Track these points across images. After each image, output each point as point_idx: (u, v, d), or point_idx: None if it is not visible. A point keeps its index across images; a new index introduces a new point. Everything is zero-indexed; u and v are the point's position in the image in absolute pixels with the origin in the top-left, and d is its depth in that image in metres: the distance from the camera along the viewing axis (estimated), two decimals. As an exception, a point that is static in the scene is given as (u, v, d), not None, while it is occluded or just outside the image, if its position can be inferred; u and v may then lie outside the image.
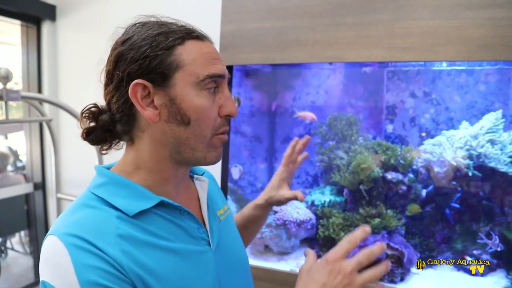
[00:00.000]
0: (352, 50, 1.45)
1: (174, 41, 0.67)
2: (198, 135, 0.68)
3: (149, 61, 0.65)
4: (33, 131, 2.55)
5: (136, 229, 0.64)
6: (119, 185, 0.68)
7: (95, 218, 0.63)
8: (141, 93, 0.66)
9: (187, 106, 0.66)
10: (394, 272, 1.48)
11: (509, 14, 1.26)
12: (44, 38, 2.44)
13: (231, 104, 0.71)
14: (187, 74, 0.66)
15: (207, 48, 0.70)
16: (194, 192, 0.81)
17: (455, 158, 1.57)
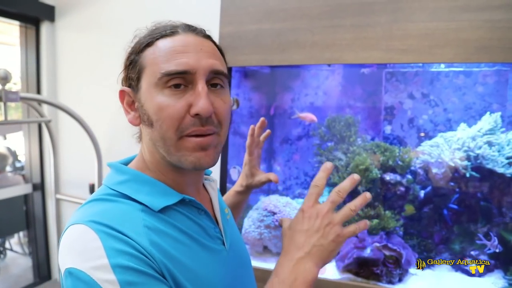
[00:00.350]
0: (350, 52, 1.46)
1: (143, 44, 0.67)
2: (163, 136, 0.64)
3: (128, 68, 0.68)
4: (32, 132, 2.55)
5: (161, 222, 0.64)
6: (142, 182, 0.68)
7: (120, 210, 0.62)
8: (127, 99, 0.69)
9: (148, 106, 0.64)
10: (392, 273, 1.48)
11: (506, 16, 1.27)
12: (43, 38, 2.44)
13: (201, 102, 0.62)
14: (149, 75, 0.65)
15: (174, 42, 0.65)
16: (206, 192, 0.81)
17: (453, 159, 1.57)
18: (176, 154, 0.64)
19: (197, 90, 0.63)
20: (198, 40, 0.66)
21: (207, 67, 0.64)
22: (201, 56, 0.64)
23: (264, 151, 2.12)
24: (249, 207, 1.85)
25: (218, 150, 0.68)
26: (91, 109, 2.30)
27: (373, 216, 1.63)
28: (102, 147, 2.19)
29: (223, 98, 0.68)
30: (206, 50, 0.66)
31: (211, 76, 0.65)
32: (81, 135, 2.13)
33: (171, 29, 0.67)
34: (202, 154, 0.64)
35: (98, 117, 2.29)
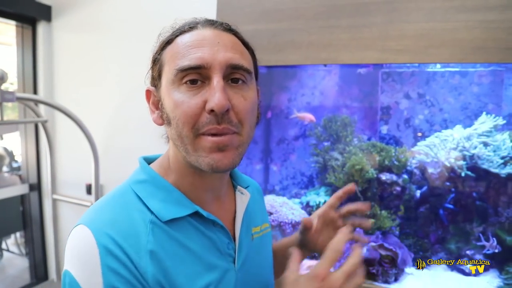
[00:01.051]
0: (346, 52, 1.46)
1: (163, 42, 0.66)
2: (180, 134, 0.61)
3: (152, 67, 0.68)
4: (29, 132, 2.54)
5: (166, 237, 0.62)
6: (158, 186, 0.66)
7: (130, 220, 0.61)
8: (152, 98, 0.68)
9: (166, 104, 0.63)
10: (388, 273, 1.49)
11: (500, 17, 1.27)
12: (39, 38, 2.43)
13: (216, 97, 0.58)
14: (166, 73, 0.63)
15: (192, 37, 0.62)
16: (232, 204, 0.75)
17: (448, 159, 1.58)
18: (194, 154, 0.61)
19: (212, 85, 0.59)
20: (216, 33, 0.63)
21: (224, 61, 0.60)
22: (218, 50, 0.60)
23: (261, 151, 2.13)
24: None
25: (240, 152, 0.63)
26: (88, 109, 2.29)
27: (369, 216, 1.64)
28: (99, 148, 2.19)
29: (244, 94, 0.62)
30: (224, 44, 0.61)
31: (229, 71, 0.61)
32: (78, 135, 2.13)
33: (190, 25, 0.65)
34: (220, 155, 0.60)
35: (95, 117, 2.29)
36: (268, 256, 0.81)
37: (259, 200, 0.86)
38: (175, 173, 0.68)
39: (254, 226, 0.77)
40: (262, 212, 0.85)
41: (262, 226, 0.80)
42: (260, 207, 0.85)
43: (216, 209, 0.71)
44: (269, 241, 0.82)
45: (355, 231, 1.58)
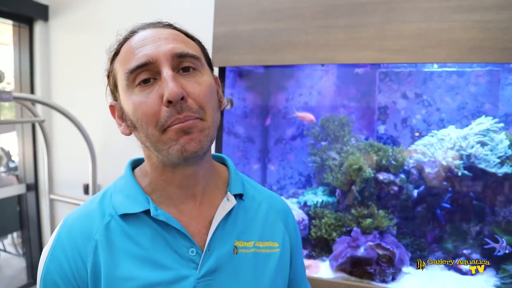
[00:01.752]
0: (343, 52, 1.47)
1: (113, 54, 0.68)
2: (148, 135, 0.62)
3: (108, 81, 0.70)
4: (26, 132, 2.54)
5: (120, 232, 0.65)
6: (128, 183, 0.70)
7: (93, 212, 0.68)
8: (117, 112, 0.69)
9: (127, 111, 0.64)
10: (386, 272, 1.49)
11: (497, 17, 1.28)
12: (36, 38, 2.43)
13: (169, 86, 0.58)
14: (120, 80, 0.65)
15: (134, 42, 0.64)
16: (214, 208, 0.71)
17: (445, 158, 1.58)
18: (164, 147, 0.61)
19: (163, 78, 0.60)
20: (156, 31, 0.65)
21: (168, 51, 0.61)
22: (160, 44, 0.62)
23: (259, 151, 2.13)
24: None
25: (207, 134, 0.62)
26: (85, 109, 2.29)
27: (366, 216, 1.64)
28: (96, 147, 2.19)
29: (198, 80, 0.63)
30: (165, 37, 0.63)
31: (177, 61, 0.62)
32: (75, 135, 2.13)
33: (131, 31, 0.67)
34: (187, 138, 0.60)
35: (92, 117, 2.28)
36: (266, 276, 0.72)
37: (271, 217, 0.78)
38: (149, 175, 0.70)
39: (244, 240, 0.71)
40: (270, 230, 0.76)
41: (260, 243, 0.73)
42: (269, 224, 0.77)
43: (191, 209, 0.69)
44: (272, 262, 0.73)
45: (353, 230, 1.59)
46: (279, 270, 0.74)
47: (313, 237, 1.70)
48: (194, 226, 0.68)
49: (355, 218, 1.66)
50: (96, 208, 0.69)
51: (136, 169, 0.74)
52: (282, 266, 0.75)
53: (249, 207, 0.75)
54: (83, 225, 0.66)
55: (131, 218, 0.66)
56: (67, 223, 0.68)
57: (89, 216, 0.68)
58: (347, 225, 1.66)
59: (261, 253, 0.73)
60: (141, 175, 0.72)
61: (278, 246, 0.75)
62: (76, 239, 0.65)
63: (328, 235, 1.66)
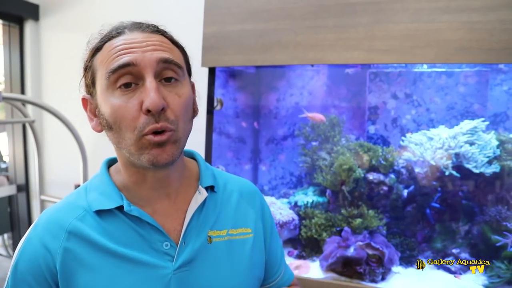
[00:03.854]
0: (333, 52, 1.47)
1: (94, 49, 0.67)
2: (123, 137, 0.63)
3: (85, 75, 0.69)
4: (16, 132, 2.52)
5: (94, 225, 0.67)
6: (102, 180, 0.72)
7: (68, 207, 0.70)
8: (89, 106, 0.69)
9: (104, 110, 0.64)
10: (375, 272, 1.49)
11: (484, 18, 1.29)
12: (27, 38, 2.41)
13: (149, 97, 0.60)
14: (100, 79, 0.65)
15: (119, 41, 0.64)
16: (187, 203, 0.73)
17: (434, 158, 1.59)
18: (136, 153, 0.63)
19: (146, 86, 0.61)
20: (144, 36, 0.65)
21: (154, 58, 0.62)
22: (147, 50, 0.63)
23: (250, 151, 2.13)
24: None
25: (178, 146, 0.65)
26: (76, 110, 2.26)
27: (356, 216, 1.64)
28: (87, 148, 2.18)
29: (178, 91, 0.65)
30: (152, 44, 0.64)
31: (161, 67, 0.63)
32: (66, 136, 2.11)
33: (117, 30, 0.66)
34: (159, 151, 0.62)
35: (83, 117, 2.25)
36: (241, 262, 0.75)
37: (242, 204, 0.80)
38: (123, 173, 0.71)
39: (217, 229, 0.74)
40: (242, 217, 0.79)
41: (233, 230, 0.76)
42: (241, 211, 0.79)
43: (166, 207, 0.71)
44: (246, 247, 0.76)
45: (344, 230, 1.59)
46: (254, 254, 0.77)
47: (303, 237, 1.71)
48: (170, 224, 0.70)
49: (345, 218, 1.66)
50: (71, 204, 0.70)
51: (111, 168, 0.75)
52: (257, 250, 0.79)
53: (220, 198, 0.78)
54: (56, 219, 0.68)
55: (106, 214, 0.68)
56: (41, 219, 0.69)
57: (63, 211, 0.69)
58: (337, 225, 1.66)
59: (235, 240, 0.75)
60: (115, 174, 0.73)
61: (251, 231, 0.78)
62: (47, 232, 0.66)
63: (318, 235, 1.66)
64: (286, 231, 1.72)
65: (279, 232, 1.70)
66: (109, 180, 0.71)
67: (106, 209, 0.67)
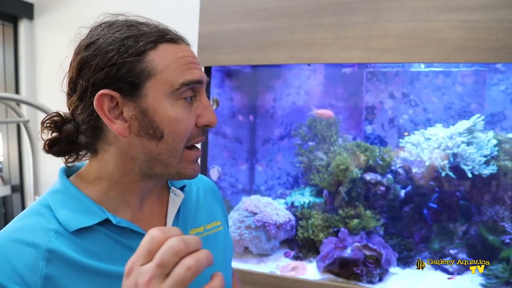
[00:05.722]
0: (330, 51, 1.46)
1: (145, 46, 0.59)
2: (172, 149, 0.61)
3: (117, 69, 0.58)
4: (10, 133, 2.49)
5: (72, 247, 0.58)
6: (69, 195, 0.63)
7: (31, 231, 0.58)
8: (108, 105, 0.59)
9: (161, 118, 0.59)
10: (373, 273, 1.48)
11: (482, 17, 1.28)
12: (21, 37, 2.39)
13: (210, 113, 0.64)
14: (160, 83, 0.59)
15: (182, 52, 0.62)
16: (165, 207, 0.72)
17: (431, 158, 1.58)
18: (177, 166, 0.63)
19: (204, 102, 0.64)
20: (192, 52, 0.66)
21: (204, 78, 0.65)
22: (199, 67, 0.65)
23: (246, 151, 2.11)
24: (230, 208, 1.84)
25: None
26: (71, 109, 2.26)
27: (353, 216, 1.63)
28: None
29: None
30: (197, 62, 0.66)
31: None
32: (60, 136, 2.09)
33: (170, 35, 0.63)
34: (196, 166, 0.66)
35: (78, 117, 2.25)
36: (221, 254, 0.78)
37: (208, 199, 0.82)
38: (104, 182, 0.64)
39: (196, 227, 0.75)
40: (211, 211, 0.81)
41: (208, 225, 0.78)
42: (209, 206, 0.81)
43: (146, 214, 0.69)
44: (220, 240, 0.79)
45: (340, 231, 1.58)
46: (226, 245, 0.80)
47: (300, 238, 1.69)
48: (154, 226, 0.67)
49: (342, 218, 1.65)
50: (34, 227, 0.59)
51: (71, 179, 0.66)
52: (227, 241, 0.82)
53: (190, 196, 0.78)
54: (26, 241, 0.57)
55: (83, 232, 0.60)
56: None
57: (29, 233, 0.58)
58: (334, 225, 1.65)
59: (210, 234, 0.77)
60: (85, 185, 0.65)
61: (221, 224, 0.81)
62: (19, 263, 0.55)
63: (315, 236, 1.65)
64: (283, 232, 1.70)
65: (276, 233, 1.69)
66: (81, 193, 0.63)
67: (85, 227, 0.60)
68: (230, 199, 1.97)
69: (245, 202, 1.77)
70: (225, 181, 1.99)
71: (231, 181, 2.04)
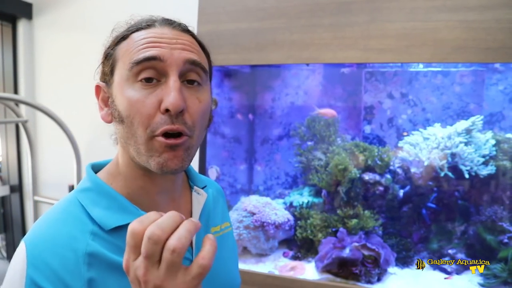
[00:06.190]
0: (328, 51, 1.46)
1: (119, 38, 0.63)
2: (134, 134, 0.59)
3: (104, 62, 0.65)
4: (9, 133, 2.49)
5: (109, 247, 0.59)
6: (101, 193, 0.63)
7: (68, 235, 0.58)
8: (102, 94, 0.65)
9: (119, 101, 0.61)
10: (371, 273, 1.48)
11: (480, 17, 1.28)
12: (20, 37, 2.38)
13: (171, 96, 0.57)
14: (120, 68, 0.61)
15: (148, 34, 0.61)
16: (189, 205, 0.74)
17: (430, 158, 1.58)
18: (145, 154, 0.59)
19: (168, 84, 0.58)
20: (174, 32, 0.62)
21: (181, 58, 0.59)
22: (175, 48, 0.60)
23: (245, 151, 2.11)
24: (229, 208, 1.84)
25: (190, 153, 0.62)
26: (70, 110, 2.25)
27: (352, 216, 1.63)
28: (81, 148, 2.15)
29: (199, 96, 0.62)
30: (182, 43, 0.61)
31: (186, 68, 0.60)
32: (60, 136, 2.09)
33: (147, 22, 0.63)
34: (171, 155, 0.59)
35: (77, 117, 2.24)
36: (231, 254, 0.81)
37: (220, 200, 0.85)
38: (124, 177, 0.65)
39: (214, 225, 0.77)
40: (223, 212, 0.84)
41: (222, 225, 0.80)
42: (221, 206, 0.84)
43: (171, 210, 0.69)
44: (231, 240, 0.82)
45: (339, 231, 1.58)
46: (234, 245, 0.84)
47: (298, 238, 1.69)
48: None
49: (340, 218, 1.65)
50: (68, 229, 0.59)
51: (101, 175, 0.67)
52: (235, 241, 0.86)
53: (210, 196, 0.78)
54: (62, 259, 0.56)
55: (117, 231, 0.60)
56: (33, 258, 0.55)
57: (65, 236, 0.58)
58: (333, 225, 1.65)
59: (224, 234, 0.80)
60: (112, 181, 0.66)
61: (230, 224, 0.84)
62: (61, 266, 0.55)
63: (314, 236, 1.65)
64: (282, 232, 1.70)
65: (274, 233, 1.69)
66: (112, 190, 0.63)
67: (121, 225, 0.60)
68: (229, 199, 1.97)
69: (244, 202, 1.77)
70: (223, 181, 1.99)
71: (230, 181, 2.04)
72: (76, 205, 0.62)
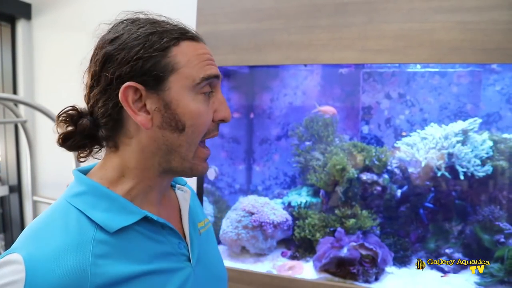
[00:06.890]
0: (326, 52, 1.47)
1: (169, 42, 0.62)
2: (191, 142, 0.64)
3: (142, 63, 0.61)
4: (8, 133, 2.49)
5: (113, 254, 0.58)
6: (99, 196, 0.62)
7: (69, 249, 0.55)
8: (132, 97, 0.61)
9: (183, 111, 0.62)
10: (369, 272, 1.49)
11: (477, 18, 1.29)
12: (19, 37, 2.39)
13: (225, 108, 0.67)
14: (183, 77, 0.62)
15: (202, 49, 0.66)
16: (175, 202, 0.76)
17: (427, 158, 1.59)
18: (191, 161, 0.66)
19: (220, 97, 0.67)
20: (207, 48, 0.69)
21: (221, 75, 0.68)
22: (216, 66, 0.68)
23: (244, 152, 2.12)
24: (228, 207, 1.85)
25: None
26: (69, 109, 2.26)
27: (350, 216, 1.64)
28: (79, 148, 2.16)
29: None
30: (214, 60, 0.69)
31: None
32: (58, 136, 2.09)
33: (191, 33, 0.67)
34: (206, 164, 0.69)
35: (76, 117, 2.25)
36: (216, 248, 0.85)
37: (195, 198, 0.89)
38: (127, 181, 0.65)
39: (199, 221, 0.80)
40: (200, 208, 0.88)
41: (204, 221, 0.83)
42: (198, 204, 0.88)
43: (165, 210, 0.71)
44: (212, 234, 0.86)
45: (337, 230, 1.59)
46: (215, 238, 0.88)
47: (296, 237, 1.70)
48: (172, 223, 0.69)
49: (338, 218, 1.66)
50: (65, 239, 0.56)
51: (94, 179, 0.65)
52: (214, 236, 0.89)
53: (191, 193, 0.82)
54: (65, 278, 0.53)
55: (121, 232, 0.60)
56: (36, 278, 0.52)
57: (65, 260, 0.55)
58: (331, 225, 1.66)
59: (208, 228, 0.84)
60: (109, 184, 0.64)
61: (208, 220, 0.87)
62: None
63: (312, 235, 1.66)
64: (280, 232, 1.71)
65: (273, 232, 1.69)
66: (111, 192, 0.63)
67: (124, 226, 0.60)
68: (227, 199, 1.97)
69: (242, 202, 1.78)
70: (222, 181, 2.00)
71: (229, 181, 2.05)
72: (70, 211, 0.60)
